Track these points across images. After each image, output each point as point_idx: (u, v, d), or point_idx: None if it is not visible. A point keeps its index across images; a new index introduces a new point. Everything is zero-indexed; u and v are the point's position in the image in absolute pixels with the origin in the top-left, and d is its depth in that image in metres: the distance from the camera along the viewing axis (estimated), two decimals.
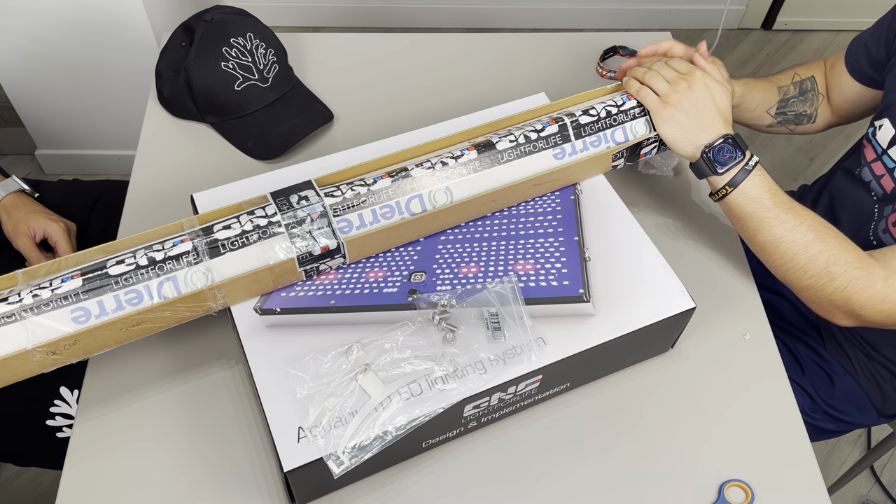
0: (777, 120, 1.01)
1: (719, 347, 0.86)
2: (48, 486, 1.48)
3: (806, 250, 0.81)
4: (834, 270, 0.80)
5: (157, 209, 0.95)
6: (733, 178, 0.82)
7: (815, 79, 1.03)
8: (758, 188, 0.82)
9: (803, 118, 1.02)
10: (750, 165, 0.82)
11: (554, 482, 0.76)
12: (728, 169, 0.82)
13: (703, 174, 0.84)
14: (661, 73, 0.85)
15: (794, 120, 1.02)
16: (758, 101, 0.98)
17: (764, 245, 0.83)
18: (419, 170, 0.80)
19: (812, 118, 1.03)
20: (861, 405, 1.03)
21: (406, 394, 0.70)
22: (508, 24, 2.36)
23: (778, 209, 0.81)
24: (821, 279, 0.81)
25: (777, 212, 0.81)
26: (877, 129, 0.93)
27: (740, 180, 0.82)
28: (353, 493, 0.74)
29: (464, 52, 1.18)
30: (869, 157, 0.94)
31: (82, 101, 1.76)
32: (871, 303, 0.80)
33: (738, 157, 0.81)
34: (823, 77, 1.04)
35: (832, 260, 0.80)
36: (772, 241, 0.82)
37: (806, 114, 1.01)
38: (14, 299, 0.68)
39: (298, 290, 0.77)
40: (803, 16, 2.39)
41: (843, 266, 0.80)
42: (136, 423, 0.78)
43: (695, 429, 0.80)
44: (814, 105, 1.02)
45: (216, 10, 1.04)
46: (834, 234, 0.82)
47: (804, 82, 1.01)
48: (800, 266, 0.81)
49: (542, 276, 0.78)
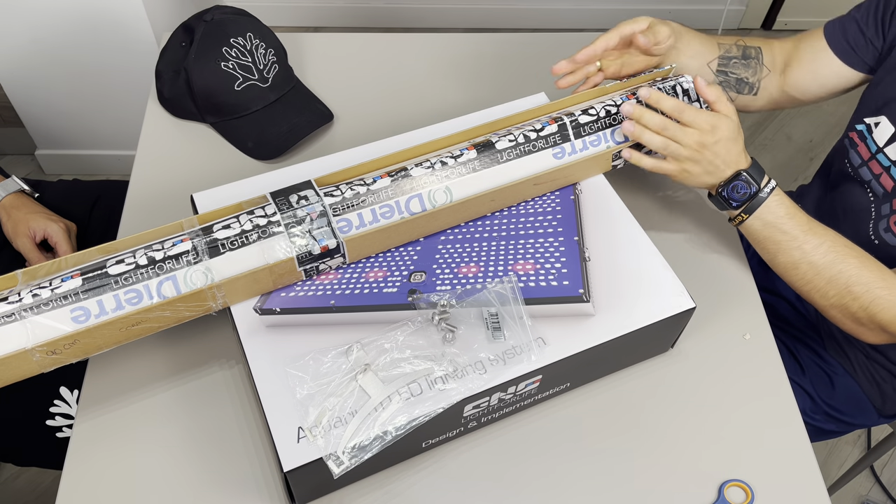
0: (719, 79, 0.98)
1: (719, 347, 0.86)
2: (48, 486, 1.48)
3: (827, 271, 0.81)
4: (855, 290, 0.80)
5: (157, 209, 0.95)
6: (748, 205, 0.82)
7: (762, 51, 1.00)
8: (774, 213, 0.82)
9: (745, 86, 0.99)
10: (765, 193, 0.82)
11: (554, 482, 0.76)
12: (743, 203, 0.83)
13: (720, 207, 0.85)
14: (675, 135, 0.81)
15: (736, 86, 0.99)
16: (696, 48, 0.95)
17: (784, 267, 0.84)
18: (419, 169, 0.80)
19: (754, 89, 1.00)
20: (861, 406, 1.03)
21: (406, 394, 0.70)
22: (508, 24, 2.36)
23: (797, 231, 0.82)
24: (843, 298, 0.81)
25: (796, 234, 0.82)
26: (872, 126, 0.92)
27: (755, 207, 0.82)
28: (353, 493, 0.74)
29: (464, 52, 1.18)
30: (864, 156, 0.93)
31: (82, 101, 1.76)
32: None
33: (752, 191, 0.82)
34: (774, 55, 1.00)
35: (853, 280, 0.80)
36: (792, 262, 0.82)
37: (748, 81, 0.99)
38: (14, 299, 0.68)
39: (298, 290, 0.77)
40: (803, 16, 2.38)
41: (865, 285, 0.80)
42: (136, 423, 0.78)
43: (695, 429, 0.80)
44: (756, 74, 0.99)
45: (216, 10, 1.04)
46: (855, 252, 0.82)
47: (748, 49, 0.99)
48: (821, 287, 0.82)
49: (541, 276, 0.78)
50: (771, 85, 1.01)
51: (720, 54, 0.98)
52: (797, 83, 1.00)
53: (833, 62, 0.98)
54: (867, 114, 0.94)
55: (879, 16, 0.94)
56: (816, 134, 2.13)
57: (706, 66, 0.97)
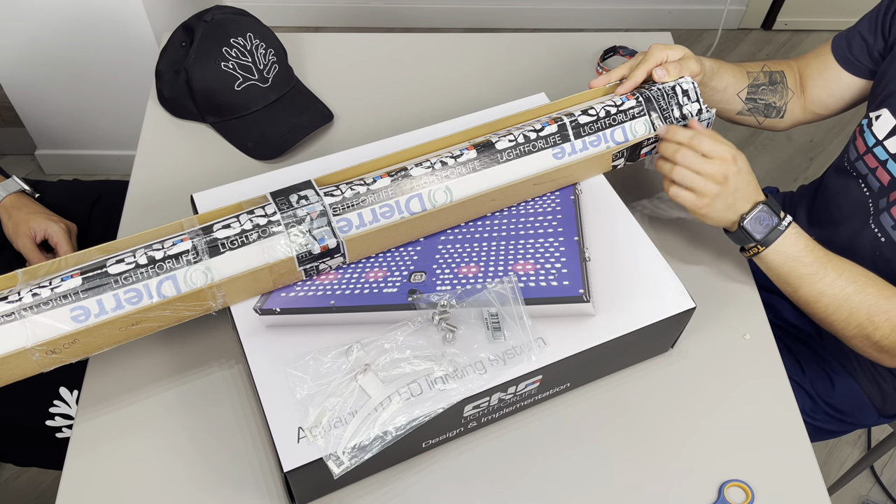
0: (748, 107, 1.00)
1: (719, 347, 0.86)
2: (48, 486, 1.48)
3: (847, 302, 0.81)
4: (877, 320, 0.81)
5: (157, 209, 0.95)
6: (765, 237, 0.82)
7: (785, 74, 1.02)
8: (794, 246, 0.82)
9: (772, 110, 1.01)
10: (784, 225, 0.82)
11: (554, 482, 0.76)
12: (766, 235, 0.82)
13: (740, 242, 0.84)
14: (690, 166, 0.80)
15: (764, 111, 1.01)
16: (727, 81, 0.97)
17: (806, 300, 0.84)
18: (419, 169, 0.80)
19: (781, 112, 1.02)
20: (861, 405, 1.03)
21: (406, 394, 0.70)
22: (508, 24, 2.36)
23: (817, 265, 0.82)
24: (865, 329, 0.82)
25: (816, 267, 0.82)
26: (872, 120, 0.92)
27: (773, 240, 0.82)
28: (353, 493, 0.74)
29: (464, 52, 1.18)
30: (861, 149, 0.94)
31: (82, 101, 1.76)
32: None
33: (773, 223, 0.81)
34: (795, 75, 1.03)
35: (874, 310, 0.81)
36: (814, 295, 0.83)
37: (775, 106, 1.01)
38: (14, 298, 0.68)
39: (298, 290, 0.77)
40: (803, 16, 2.38)
41: (885, 314, 0.81)
42: (136, 423, 0.78)
43: (695, 429, 0.80)
44: (783, 98, 1.01)
45: (216, 10, 1.04)
46: (874, 281, 0.82)
47: (773, 74, 1.01)
48: (843, 318, 0.82)
49: (541, 276, 0.78)
50: (795, 106, 1.03)
51: (749, 83, 1.00)
52: (814, 99, 1.03)
53: (841, 74, 1.00)
54: (870, 108, 0.94)
55: (880, 21, 0.96)
56: (816, 134, 2.13)
57: (736, 95, 0.99)
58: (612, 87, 0.89)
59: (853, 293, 0.81)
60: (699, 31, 2.39)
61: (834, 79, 1.01)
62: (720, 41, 2.37)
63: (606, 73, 0.90)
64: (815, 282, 0.82)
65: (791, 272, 0.83)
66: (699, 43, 2.36)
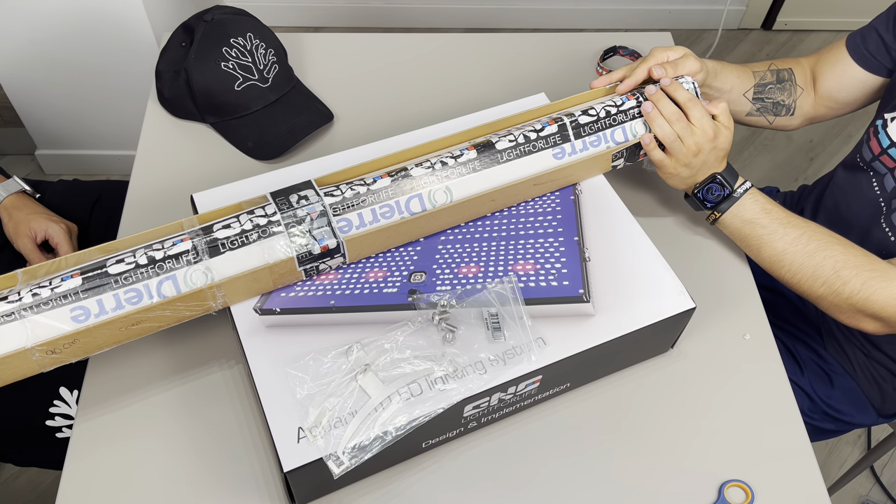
0: (756, 107, 1.00)
1: (719, 347, 0.86)
2: (48, 486, 1.48)
3: (811, 259, 0.82)
4: (844, 275, 0.81)
5: (157, 209, 0.95)
6: (717, 205, 0.86)
7: (794, 72, 1.02)
8: (750, 210, 0.85)
9: (782, 108, 1.02)
10: (738, 193, 0.85)
11: (553, 482, 0.76)
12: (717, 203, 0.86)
13: (695, 207, 0.89)
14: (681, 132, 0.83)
15: (773, 109, 1.02)
16: (732, 82, 0.97)
17: (770, 261, 0.86)
18: (419, 169, 0.80)
19: (791, 110, 1.02)
20: (861, 405, 1.03)
21: (406, 394, 0.70)
22: (508, 24, 2.36)
23: (775, 225, 0.84)
24: (833, 285, 0.82)
25: (775, 227, 0.84)
26: (887, 121, 0.92)
27: (727, 207, 0.86)
28: (353, 493, 0.74)
29: (464, 52, 1.18)
30: (875, 150, 0.93)
31: (82, 101, 1.76)
32: (893, 303, 0.80)
33: (725, 193, 0.86)
34: (805, 71, 1.03)
35: (840, 265, 0.81)
36: (776, 255, 0.84)
37: (784, 104, 1.01)
38: (14, 298, 0.68)
39: (298, 290, 0.77)
40: (803, 16, 2.38)
41: (854, 269, 0.81)
42: (136, 423, 0.78)
43: (695, 429, 0.80)
44: (792, 96, 1.01)
45: (216, 10, 1.04)
46: (839, 241, 0.83)
47: (781, 72, 1.01)
48: (808, 275, 0.83)
49: (541, 276, 0.78)
50: (805, 103, 1.03)
51: (755, 82, 1.00)
52: (825, 93, 1.03)
53: (855, 70, 1.00)
54: (886, 109, 0.94)
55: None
56: (816, 134, 2.13)
57: (742, 96, 0.99)
58: (612, 88, 0.89)
59: (816, 250, 0.82)
60: (699, 31, 2.39)
61: (846, 73, 1.00)
62: (720, 41, 2.37)
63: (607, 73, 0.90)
64: (776, 241, 0.84)
65: (751, 234, 0.86)
66: (699, 43, 2.36)
